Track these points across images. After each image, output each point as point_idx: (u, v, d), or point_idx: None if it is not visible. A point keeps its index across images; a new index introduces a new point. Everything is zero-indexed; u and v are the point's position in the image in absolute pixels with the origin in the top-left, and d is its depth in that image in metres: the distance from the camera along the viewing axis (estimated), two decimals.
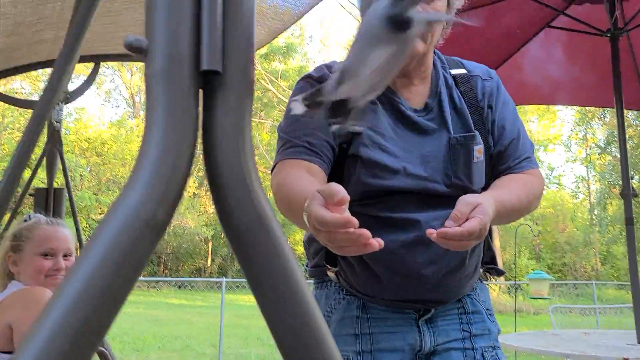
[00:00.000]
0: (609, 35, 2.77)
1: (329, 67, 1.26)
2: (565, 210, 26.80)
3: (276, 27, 2.18)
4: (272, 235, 0.43)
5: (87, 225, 16.77)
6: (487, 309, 1.31)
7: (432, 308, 1.23)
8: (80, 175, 18.10)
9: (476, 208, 0.99)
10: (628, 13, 2.97)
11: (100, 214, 18.50)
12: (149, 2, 0.49)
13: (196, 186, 22.15)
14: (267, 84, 14.60)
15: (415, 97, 1.24)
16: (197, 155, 0.46)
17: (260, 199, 0.44)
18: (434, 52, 1.27)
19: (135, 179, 0.43)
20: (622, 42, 2.95)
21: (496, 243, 21.57)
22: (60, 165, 2.29)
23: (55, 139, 2.18)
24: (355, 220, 0.83)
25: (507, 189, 1.17)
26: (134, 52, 0.49)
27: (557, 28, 3.19)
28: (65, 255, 1.68)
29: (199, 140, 0.47)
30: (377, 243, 0.85)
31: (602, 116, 22.53)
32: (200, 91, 0.48)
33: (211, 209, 20.80)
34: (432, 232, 0.97)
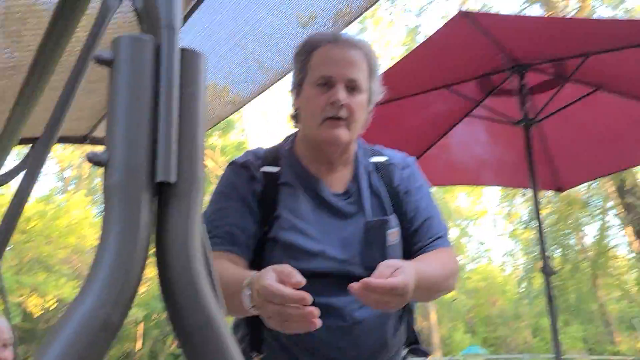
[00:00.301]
0: (522, 125, 3.05)
1: (254, 153, 1.33)
2: (495, 283, 27.56)
3: (219, 114, 2.27)
4: (221, 337, 0.47)
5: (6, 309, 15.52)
6: None
7: None
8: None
9: (398, 270, 1.01)
10: (539, 104, 3.29)
11: (20, 296, 17.26)
12: (110, 115, 0.55)
13: None
14: (205, 159, 14.63)
15: (336, 182, 1.31)
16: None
17: (209, 301, 0.48)
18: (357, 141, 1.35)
19: (91, 283, 0.46)
20: (535, 130, 3.24)
21: (432, 317, 21.71)
22: None
23: None
24: (309, 298, 0.89)
25: (424, 262, 1.21)
26: (95, 164, 0.53)
27: (478, 117, 3.47)
28: (4, 345, 1.63)
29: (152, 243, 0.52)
30: (318, 322, 0.91)
31: (523, 192, 23.84)
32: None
33: (142, 289, 19.89)
34: (353, 285, 0.97)
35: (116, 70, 0.56)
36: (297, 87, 1.31)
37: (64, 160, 24.29)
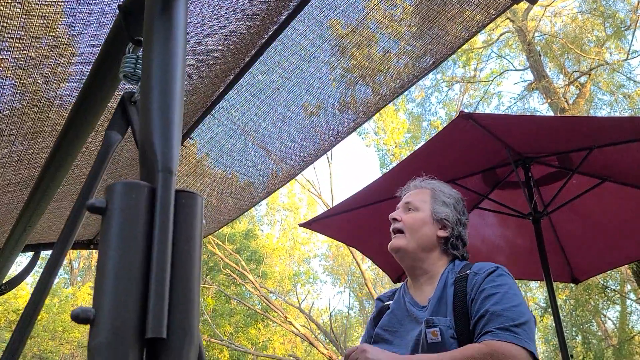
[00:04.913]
0: (530, 218, 3.01)
1: (392, 290, 1.73)
2: None
3: (241, 205, 2.27)
4: None
5: None
6: None
7: None
8: (2, 350, 16.48)
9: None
10: (545, 195, 3.28)
11: None
12: (99, 269, 0.53)
13: None
14: (214, 248, 14.43)
15: (421, 296, 1.58)
16: None
17: None
18: (454, 263, 1.58)
19: None
20: (544, 221, 3.20)
21: None
22: None
23: None
24: None
25: (439, 356, 1.36)
26: (81, 322, 0.51)
27: (485, 209, 3.45)
28: None
29: None
30: None
31: None
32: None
33: None
34: None
35: (108, 219, 0.54)
36: None
37: (73, 251, 24.18)
